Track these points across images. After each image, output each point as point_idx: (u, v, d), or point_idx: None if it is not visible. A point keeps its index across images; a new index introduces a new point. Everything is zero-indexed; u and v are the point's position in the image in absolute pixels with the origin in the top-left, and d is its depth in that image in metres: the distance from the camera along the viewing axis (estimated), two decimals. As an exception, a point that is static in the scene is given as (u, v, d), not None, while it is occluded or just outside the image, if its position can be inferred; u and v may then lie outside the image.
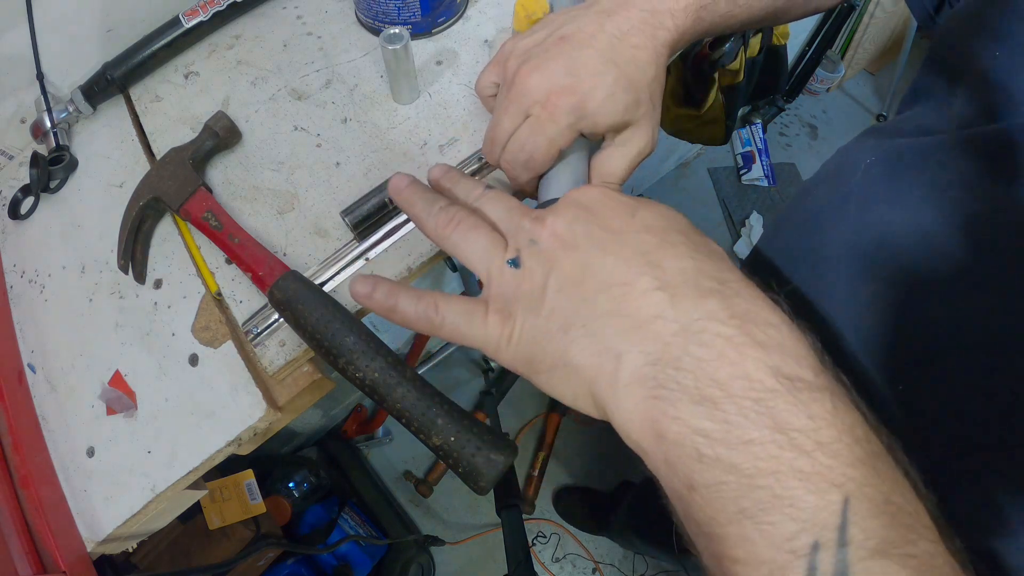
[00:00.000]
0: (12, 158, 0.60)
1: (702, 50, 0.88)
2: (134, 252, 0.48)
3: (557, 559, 1.38)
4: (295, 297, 0.39)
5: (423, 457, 1.47)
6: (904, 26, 1.76)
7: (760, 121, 1.80)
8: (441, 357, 1.44)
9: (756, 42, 0.98)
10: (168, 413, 0.44)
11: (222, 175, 0.51)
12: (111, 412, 0.46)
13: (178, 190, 0.46)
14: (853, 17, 1.64)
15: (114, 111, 0.58)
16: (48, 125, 0.56)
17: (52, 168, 0.54)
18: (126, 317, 0.49)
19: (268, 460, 1.23)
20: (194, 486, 0.43)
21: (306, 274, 0.43)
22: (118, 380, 0.46)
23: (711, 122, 1.02)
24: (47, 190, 0.55)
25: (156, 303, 0.48)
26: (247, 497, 0.84)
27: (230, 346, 0.45)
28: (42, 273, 0.53)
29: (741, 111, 1.36)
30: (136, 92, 0.58)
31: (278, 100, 0.54)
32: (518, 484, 1.10)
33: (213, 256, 0.47)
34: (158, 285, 0.49)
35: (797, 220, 0.43)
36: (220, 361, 0.45)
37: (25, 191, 0.56)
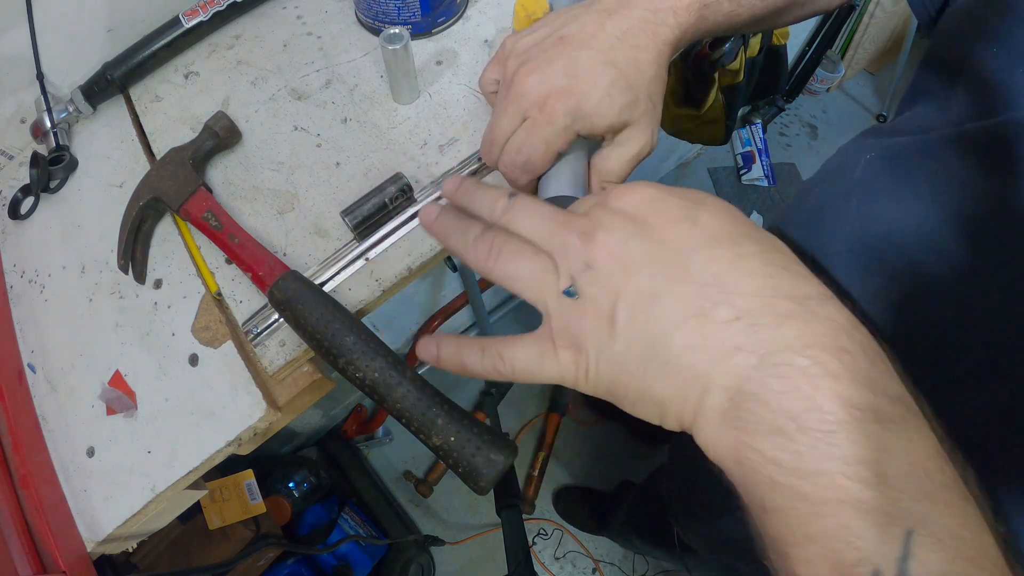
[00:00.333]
0: (12, 158, 0.60)
1: (702, 50, 0.88)
2: (134, 252, 0.49)
3: (557, 558, 1.38)
4: (295, 297, 0.39)
5: (423, 457, 1.47)
6: (904, 26, 1.76)
7: (760, 121, 1.80)
8: (441, 357, 1.44)
9: (756, 42, 0.98)
10: (168, 413, 0.44)
11: (222, 175, 0.51)
12: (111, 412, 0.46)
13: (178, 190, 0.46)
14: (853, 17, 1.64)
15: (114, 111, 0.58)
16: (48, 125, 0.56)
17: (52, 168, 0.54)
18: (126, 317, 0.49)
19: (268, 460, 1.23)
20: (194, 486, 0.43)
21: (306, 274, 0.43)
22: (118, 380, 0.46)
23: (711, 122, 1.02)
24: (47, 190, 0.55)
25: (156, 303, 0.48)
26: (247, 497, 0.84)
27: (230, 346, 0.45)
28: (42, 273, 0.53)
29: (741, 111, 1.36)
30: (136, 92, 0.58)
31: (278, 100, 0.54)
32: (518, 484, 1.10)
33: (213, 256, 0.47)
34: (158, 285, 0.49)
35: (799, 217, 0.43)
36: (220, 361, 0.45)
37: (25, 191, 0.56)
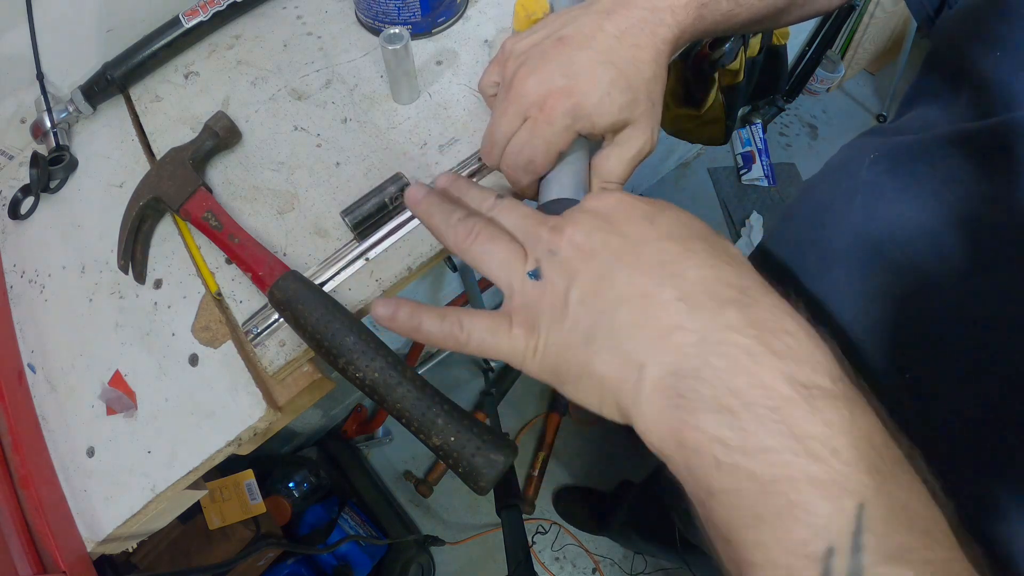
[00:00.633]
0: (12, 158, 0.60)
1: (702, 50, 0.88)
2: (134, 252, 0.49)
3: (557, 558, 1.38)
4: (295, 297, 0.39)
5: (423, 457, 1.47)
6: (904, 26, 1.76)
7: (760, 121, 1.80)
8: (441, 357, 1.44)
9: (756, 42, 0.98)
10: (168, 413, 0.44)
11: (222, 175, 0.51)
12: (111, 412, 0.46)
13: (178, 190, 0.46)
14: (853, 17, 1.64)
15: (114, 111, 0.58)
16: (48, 125, 0.56)
17: (52, 168, 0.54)
18: (126, 317, 0.49)
19: (268, 460, 1.23)
20: (194, 486, 0.43)
21: (306, 274, 0.43)
22: (118, 380, 0.46)
23: (711, 122, 1.02)
24: (47, 190, 0.55)
25: (156, 303, 0.48)
26: (247, 497, 0.84)
27: (230, 346, 0.45)
28: (42, 273, 0.53)
29: (741, 111, 1.36)
30: (136, 92, 0.58)
31: (278, 100, 0.54)
32: (518, 484, 1.10)
33: (213, 256, 0.47)
34: (158, 285, 0.49)
35: (803, 215, 0.43)
36: (220, 361, 0.45)
37: (25, 191, 0.56)
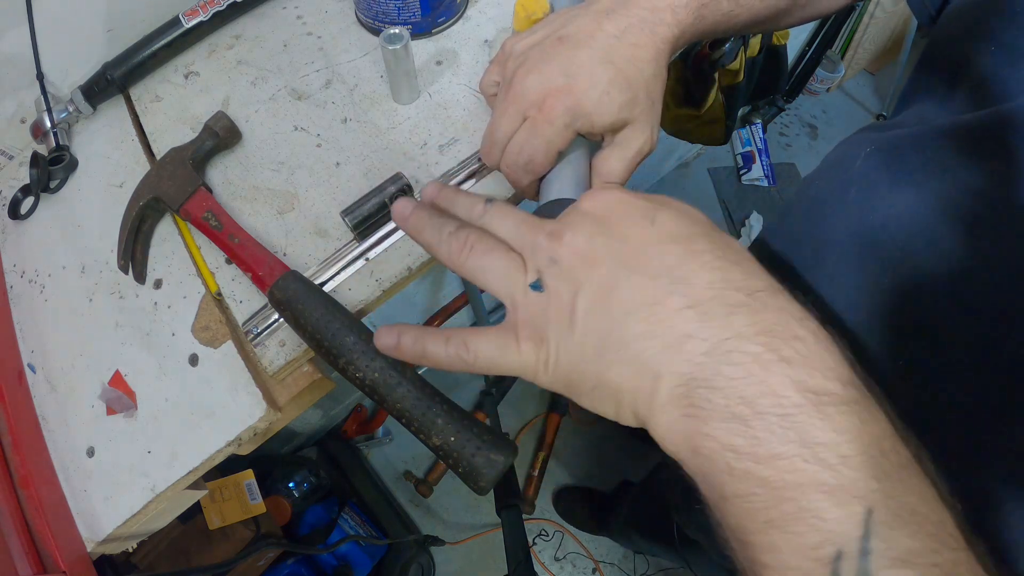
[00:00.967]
0: (12, 158, 0.60)
1: (702, 50, 0.88)
2: (134, 252, 0.49)
3: (557, 558, 1.38)
4: (295, 297, 0.39)
5: (423, 457, 1.47)
6: (904, 26, 1.76)
7: (760, 121, 1.80)
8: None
9: (756, 42, 0.98)
10: (168, 413, 0.44)
11: (222, 175, 0.51)
12: (111, 412, 0.46)
13: (178, 190, 0.46)
14: (853, 17, 1.64)
15: (114, 111, 0.58)
16: (48, 125, 0.56)
17: (52, 168, 0.54)
18: (126, 317, 0.49)
19: (268, 460, 1.23)
20: (194, 486, 0.43)
21: (306, 274, 0.43)
22: (118, 380, 0.46)
23: (711, 122, 1.02)
24: (47, 190, 0.55)
25: (156, 303, 0.48)
26: (247, 497, 0.84)
27: (230, 346, 0.45)
28: (42, 273, 0.53)
29: (741, 111, 1.36)
30: (136, 92, 0.58)
31: (278, 100, 0.54)
32: (518, 484, 1.10)
33: (213, 256, 0.47)
34: (158, 285, 0.49)
35: (800, 209, 0.43)
36: (220, 361, 0.45)
37: (25, 191, 0.56)
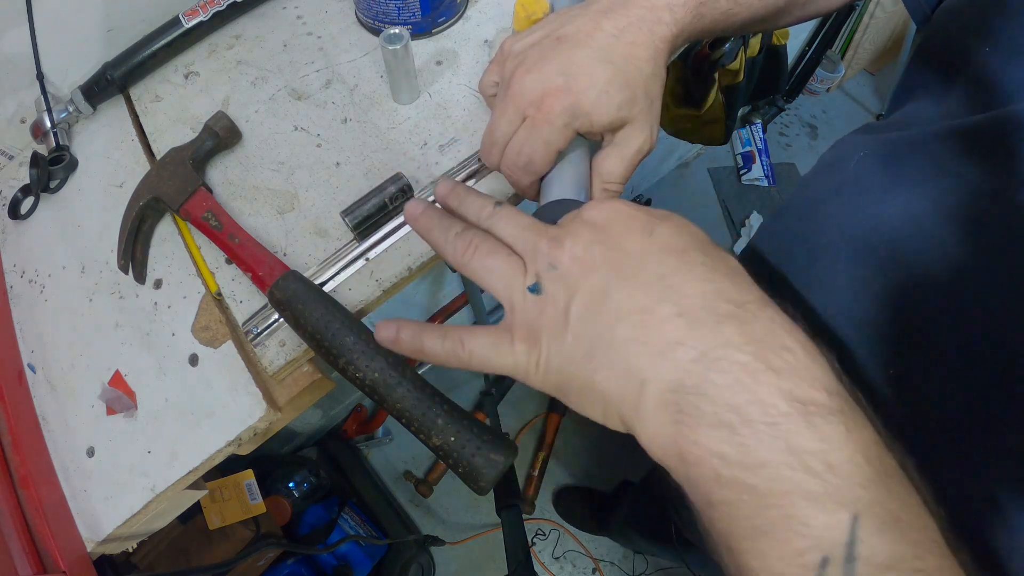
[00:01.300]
0: (12, 158, 0.60)
1: (702, 50, 0.88)
2: (134, 252, 0.49)
3: (557, 558, 1.38)
4: (295, 297, 0.39)
5: (423, 457, 1.47)
6: (904, 26, 1.76)
7: (760, 121, 1.80)
8: (441, 357, 1.43)
9: (756, 42, 0.98)
10: (168, 413, 0.44)
11: (222, 175, 0.51)
12: (111, 412, 0.46)
13: (178, 190, 0.46)
14: (853, 17, 1.64)
15: (114, 111, 0.58)
16: (48, 125, 0.56)
17: (52, 168, 0.54)
18: (126, 317, 0.49)
19: (268, 460, 1.23)
20: (194, 486, 0.43)
21: (306, 274, 0.43)
22: (118, 380, 0.46)
23: (711, 122, 1.02)
24: (47, 190, 0.55)
25: (156, 303, 0.48)
26: (247, 497, 0.84)
27: (230, 346, 0.45)
28: (42, 273, 0.53)
29: (741, 111, 1.36)
30: (136, 92, 0.58)
31: (278, 100, 0.54)
32: (518, 484, 1.10)
33: (213, 256, 0.47)
34: (158, 285, 0.49)
35: (793, 211, 0.43)
36: (220, 361, 0.45)
37: (25, 191, 0.56)
